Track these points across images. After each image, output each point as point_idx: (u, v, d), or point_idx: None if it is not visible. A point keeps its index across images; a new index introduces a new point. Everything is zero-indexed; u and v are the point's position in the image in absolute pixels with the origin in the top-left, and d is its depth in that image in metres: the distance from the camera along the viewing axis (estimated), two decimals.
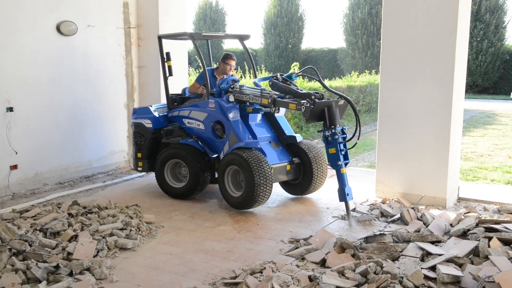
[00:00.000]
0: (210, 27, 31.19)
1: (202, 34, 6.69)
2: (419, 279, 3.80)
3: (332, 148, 5.40)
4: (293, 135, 6.38)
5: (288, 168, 6.18)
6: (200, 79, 6.90)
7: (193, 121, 6.57)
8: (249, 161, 5.66)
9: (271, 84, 6.09)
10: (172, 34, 7.20)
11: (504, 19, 25.56)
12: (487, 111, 18.38)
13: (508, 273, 3.53)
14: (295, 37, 29.91)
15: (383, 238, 4.71)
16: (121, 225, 5.19)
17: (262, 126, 6.45)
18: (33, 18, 6.83)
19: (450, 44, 5.66)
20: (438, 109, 5.82)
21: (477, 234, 4.60)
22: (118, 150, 8.31)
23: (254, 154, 5.76)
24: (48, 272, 4.07)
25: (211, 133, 6.36)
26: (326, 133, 5.40)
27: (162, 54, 6.99)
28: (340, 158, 5.37)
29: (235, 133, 6.07)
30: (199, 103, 6.53)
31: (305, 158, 6.25)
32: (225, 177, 6.04)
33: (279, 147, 6.35)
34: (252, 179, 5.61)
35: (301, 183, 6.38)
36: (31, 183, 6.97)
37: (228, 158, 5.97)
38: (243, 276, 4.06)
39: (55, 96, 7.21)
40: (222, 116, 6.21)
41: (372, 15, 27.15)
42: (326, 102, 5.40)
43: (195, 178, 6.31)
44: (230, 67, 6.97)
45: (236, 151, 5.88)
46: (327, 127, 5.40)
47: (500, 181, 7.65)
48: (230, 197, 5.99)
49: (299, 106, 5.44)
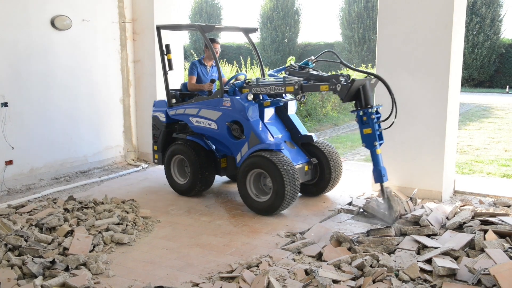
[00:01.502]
0: (206, 21, 31.09)
1: (214, 26, 6.27)
2: (415, 272, 3.82)
3: (368, 128, 5.06)
4: (308, 134, 6.14)
5: (306, 169, 5.94)
6: (192, 71, 6.69)
7: (203, 120, 6.21)
8: (275, 161, 5.37)
9: (288, 74, 5.75)
10: (173, 25, 6.86)
11: (500, 12, 25.61)
12: (483, 104, 18.43)
13: (504, 266, 3.54)
14: (291, 31, 29.88)
15: (387, 231, 4.69)
16: (117, 220, 5.18)
17: (275, 125, 6.17)
18: (27, 13, 6.78)
19: (446, 37, 5.65)
20: (434, 103, 5.82)
21: (472, 227, 4.62)
22: (114, 145, 8.29)
23: (278, 155, 5.47)
24: (44, 267, 4.07)
25: (226, 133, 6.02)
26: (361, 113, 5.05)
27: (161, 46, 6.66)
28: (376, 138, 5.06)
29: (256, 134, 5.72)
30: (211, 101, 6.15)
31: (322, 158, 6.02)
32: (247, 181, 5.69)
33: (295, 147, 6.09)
34: (282, 183, 5.32)
35: (316, 184, 6.15)
36: (27, 179, 6.95)
37: (250, 161, 5.62)
38: (239, 270, 4.06)
39: (50, 91, 7.17)
40: (240, 116, 5.83)
41: (368, 9, 27.15)
42: (362, 80, 5.06)
43: (196, 175, 6.20)
44: (216, 51, 6.63)
45: (259, 153, 5.57)
46: (362, 106, 5.04)
47: (495, 174, 7.68)
48: (254, 202, 5.66)
49: (333, 85, 5.06)
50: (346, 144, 10.73)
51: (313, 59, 5.97)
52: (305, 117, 13.51)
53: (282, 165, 5.35)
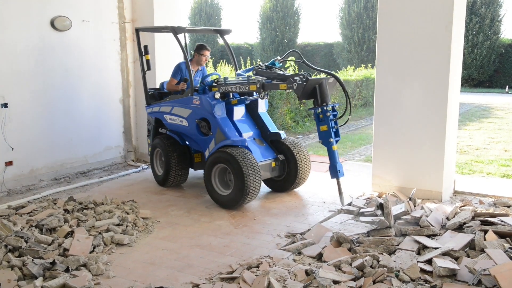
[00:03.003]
0: (205, 21, 31.09)
1: (185, 28, 6.58)
2: (416, 273, 3.82)
3: (324, 126, 5.38)
4: (277, 131, 6.36)
5: (273, 165, 6.17)
6: (175, 74, 6.87)
7: (175, 118, 6.56)
8: (236, 156, 5.60)
9: (255, 73, 6.03)
10: (150, 27, 7.20)
11: (500, 12, 25.59)
12: (483, 104, 18.43)
13: (504, 266, 3.54)
14: (291, 31, 29.87)
15: (387, 232, 4.70)
16: (118, 221, 5.18)
17: (246, 122, 6.42)
18: (27, 14, 6.78)
19: (446, 37, 5.65)
20: (434, 103, 5.82)
21: (473, 227, 4.61)
22: (114, 146, 8.29)
23: (241, 151, 5.71)
24: (44, 268, 4.07)
25: (196, 130, 6.32)
26: (318, 111, 5.38)
27: (140, 47, 7.05)
28: (332, 135, 5.35)
29: (222, 131, 6.00)
30: (182, 99, 6.46)
31: (289, 154, 6.24)
32: (212, 176, 5.95)
33: (263, 144, 6.33)
34: (241, 174, 5.54)
35: (285, 180, 6.37)
36: (27, 179, 6.95)
37: (214, 157, 5.89)
38: (239, 271, 4.06)
39: (50, 92, 7.17)
40: (207, 113, 6.13)
41: (368, 9, 27.14)
42: (318, 79, 5.36)
43: (169, 168, 6.53)
44: (205, 58, 6.91)
45: (223, 149, 5.82)
46: (318, 104, 5.37)
47: (495, 174, 7.68)
48: (219, 196, 5.91)
49: (291, 84, 5.35)
50: (346, 145, 10.73)
51: (279, 59, 6.25)
52: (305, 117, 13.51)
53: (243, 160, 5.58)
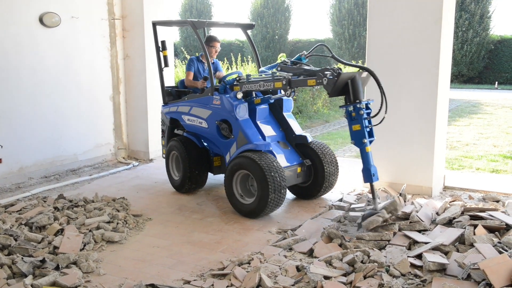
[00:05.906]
0: (196, 18, 30.96)
1: (206, 22, 6.17)
2: (406, 267, 3.84)
3: (357, 125, 4.80)
4: (303, 134, 5.87)
5: (299, 171, 5.68)
6: (189, 67, 6.61)
7: (194, 118, 6.14)
8: (262, 165, 5.12)
9: (279, 69, 5.58)
10: (168, 21, 6.80)
11: (489, 8, 25.75)
12: (472, 100, 18.56)
13: (493, 260, 3.57)
14: (282, 28, 29.84)
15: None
16: (108, 218, 5.15)
17: (270, 124, 5.97)
18: (15, 10, 6.71)
19: (436, 34, 5.67)
20: (424, 99, 5.85)
21: (462, 222, 4.65)
22: (104, 143, 8.24)
23: (266, 158, 5.22)
24: (34, 267, 4.03)
25: (216, 132, 5.88)
26: (350, 108, 4.79)
27: (157, 42, 6.60)
28: (366, 136, 4.79)
29: (244, 134, 5.55)
30: (202, 99, 6.05)
31: (316, 159, 5.76)
32: (233, 182, 5.50)
33: (288, 147, 5.86)
34: (266, 185, 5.09)
35: (311, 186, 5.89)
36: (16, 177, 6.89)
37: (236, 162, 5.41)
38: (231, 267, 4.06)
39: (39, 89, 7.11)
40: (229, 115, 5.70)
41: (359, 5, 27.18)
42: (350, 74, 4.82)
43: (186, 173, 6.16)
44: (215, 50, 6.60)
45: (246, 154, 5.34)
46: (350, 101, 4.79)
47: (485, 170, 7.74)
48: (240, 205, 5.47)
49: (320, 79, 4.85)
50: (337, 141, 10.76)
51: (305, 54, 5.79)
52: (296, 114, 13.53)
53: (269, 171, 5.12)
